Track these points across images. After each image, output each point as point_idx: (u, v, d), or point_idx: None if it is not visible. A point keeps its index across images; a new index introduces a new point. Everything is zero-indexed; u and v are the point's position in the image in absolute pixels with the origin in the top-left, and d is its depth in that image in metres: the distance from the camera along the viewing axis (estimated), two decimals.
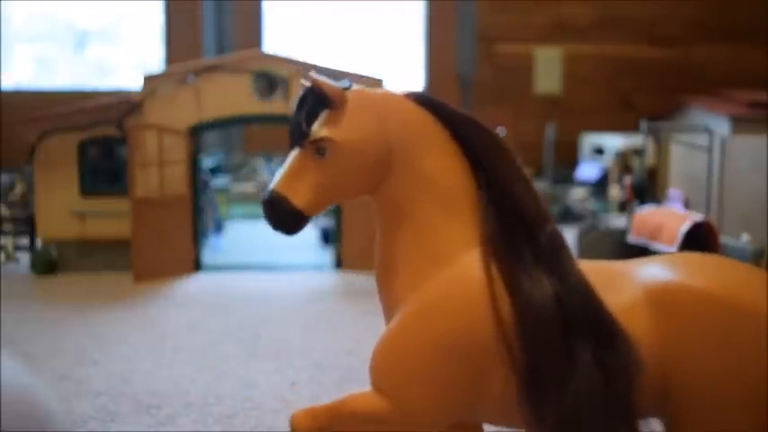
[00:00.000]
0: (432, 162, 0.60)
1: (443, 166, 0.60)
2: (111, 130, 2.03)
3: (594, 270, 0.59)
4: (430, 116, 0.61)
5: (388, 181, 0.61)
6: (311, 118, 0.59)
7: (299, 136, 0.60)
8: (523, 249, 0.57)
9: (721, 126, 2.53)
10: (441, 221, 0.59)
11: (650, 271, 0.59)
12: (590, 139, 3.50)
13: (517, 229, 0.58)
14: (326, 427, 0.60)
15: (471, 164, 0.61)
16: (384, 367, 0.60)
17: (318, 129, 0.59)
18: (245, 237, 2.69)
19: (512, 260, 0.57)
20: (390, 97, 0.60)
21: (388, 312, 0.62)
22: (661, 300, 0.57)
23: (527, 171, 0.67)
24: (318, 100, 0.59)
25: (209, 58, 3.31)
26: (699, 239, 1.69)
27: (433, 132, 0.60)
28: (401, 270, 0.61)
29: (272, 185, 0.61)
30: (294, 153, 0.61)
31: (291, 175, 0.60)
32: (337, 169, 0.60)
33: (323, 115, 0.59)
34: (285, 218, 0.61)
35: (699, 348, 0.55)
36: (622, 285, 0.58)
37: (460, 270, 0.58)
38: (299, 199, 0.60)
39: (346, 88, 0.60)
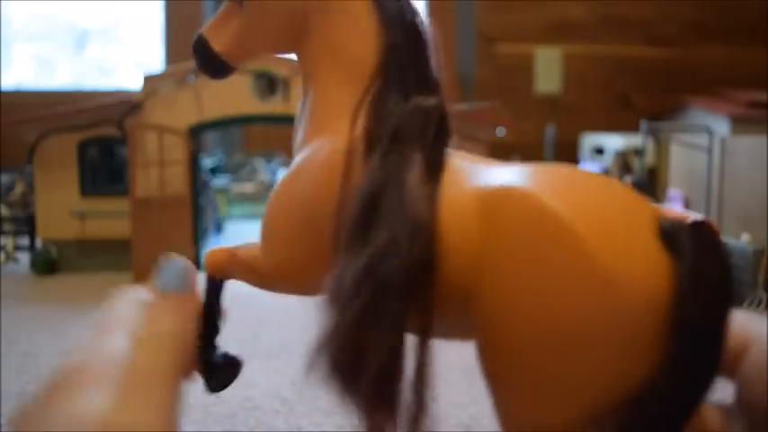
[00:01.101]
0: (343, 30, 0.59)
1: (354, 36, 0.58)
2: (111, 130, 2.03)
3: (462, 165, 0.55)
4: None
5: (303, 44, 0.61)
6: None
7: None
8: (390, 134, 0.54)
9: (721, 126, 2.53)
10: (338, 89, 0.59)
11: (501, 171, 0.53)
12: (590, 139, 3.50)
13: (391, 112, 0.55)
14: (225, 269, 0.63)
15: (383, 38, 0.59)
16: (263, 219, 0.61)
17: None
18: (245, 237, 2.69)
19: (377, 150, 0.54)
20: None
21: None
22: (490, 200, 0.49)
23: None
24: None
25: None
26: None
27: (355, 3, 0.59)
28: (301, 129, 0.62)
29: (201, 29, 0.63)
30: (222, 4, 0.63)
31: (216, 23, 0.63)
32: (254, 17, 0.60)
33: None
34: (207, 61, 0.63)
35: (508, 257, 0.46)
36: (470, 180, 0.53)
37: (333, 138, 0.57)
38: (218, 44, 0.62)
39: None
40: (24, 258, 2.16)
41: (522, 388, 0.46)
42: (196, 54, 0.64)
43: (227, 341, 0.74)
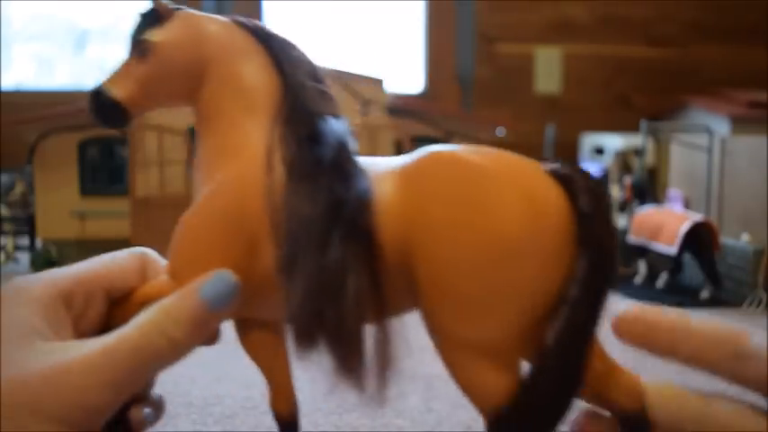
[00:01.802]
0: (241, 69, 0.63)
1: (251, 75, 0.63)
2: (111, 131, 2.03)
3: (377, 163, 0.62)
4: (248, 35, 0.65)
5: (202, 89, 0.64)
6: (142, 30, 0.64)
7: (130, 44, 0.65)
8: (302, 142, 0.60)
9: (721, 126, 2.53)
10: (242, 121, 0.62)
11: (407, 155, 0.61)
12: (590, 139, 3.50)
13: (301, 127, 0.61)
14: (127, 315, 0.59)
15: (278, 77, 0.64)
16: (174, 248, 0.61)
17: (144, 35, 0.63)
18: None
19: (292, 148, 0.60)
20: (212, 17, 0.65)
21: None
22: (410, 168, 0.59)
23: None
24: (151, 16, 0.64)
25: None
26: (699, 239, 1.70)
27: (248, 45, 0.64)
28: (203, 170, 0.64)
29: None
30: (124, 59, 0.65)
31: (117, 75, 0.64)
32: (155, 68, 0.63)
33: (151, 29, 0.64)
34: (105, 108, 0.64)
35: (433, 206, 0.55)
36: (381, 168, 0.61)
37: (246, 157, 0.61)
38: (119, 92, 0.63)
39: (178, 8, 0.64)
40: (24, 258, 2.16)
41: (467, 309, 0.54)
42: (93, 103, 0.65)
43: (227, 341, 0.74)
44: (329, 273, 0.55)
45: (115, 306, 0.62)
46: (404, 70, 4.17)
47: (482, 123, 2.32)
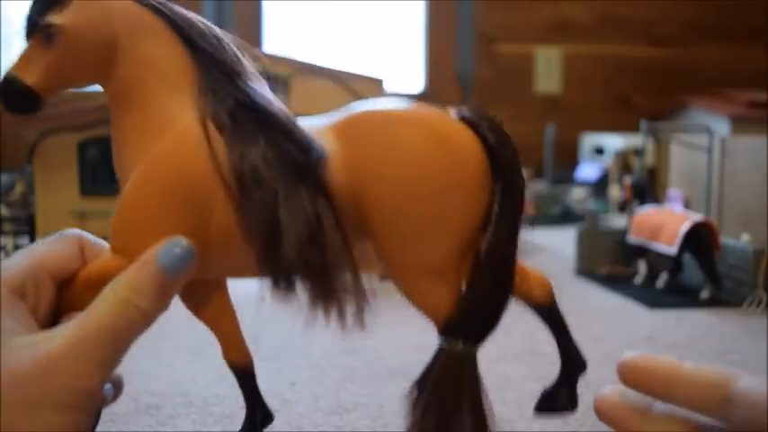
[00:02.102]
0: (153, 48, 0.65)
1: (165, 53, 0.65)
2: (109, 131, 2.02)
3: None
4: (151, 12, 0.66)
5: (115, 71, 0.65)
6: (41, 11, 0.65)
7: (30, 27, 0.65)
8: (233, 108, 0.64)
9: (721, 126, 2.53)
10: (164, 97, 0.64)
11: (335, 114, 0.68)
12: (590, 139, 3.50)
13: (226, 91, 0.65)
14: (79, 297, 0.61)
15: (188, 48, 0.67)
16: (118, 226, 0.63)
17: (46, 18, 0.64)
18: None
19: (225, 115, 0.63)
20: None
21: None
22: (344, 125, 0.66)
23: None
24: None
25: None
26: (699, 239, 1.70)
27: (153, 23, 0.65)
28: (131, 149, 0.65)
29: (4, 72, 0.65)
30: (26, 44, 0.65)
31: (24, 61, 0.64)
32: (65, 51, 0.63)
33: (52, 11, 0.64)
34: (17, 96, 0.64)
35: (374, 158, 0.63)
36: (325, 125, 0.68)
37: (179, 129, 0.63)
38: (31, 78, 0.64)
39: None
40: None
41: (411, 238, 0.63)
42: (5, 92, 0.64)
43: None
44: (301, 222, 0.61)
45: (63, 290, 0.62)
46: (404, 70, 4.18)
47: None
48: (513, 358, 1.23)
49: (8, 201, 2.26)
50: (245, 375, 0.76)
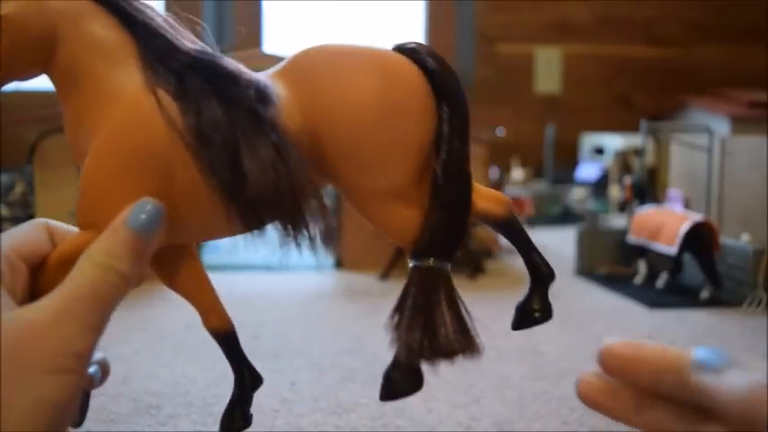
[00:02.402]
0: (92, 28, 0.66)
1: (103, 30, 0.66)
2: None
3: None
4: None
5: (56, 56, 0.66)
6: None
7: None
8: (179, 70, 0.65)
9: (721, 126, 2.53)
10: (109, 72, 0.65)
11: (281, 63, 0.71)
12: (590, 139, 3.50)
13: (169, 56, 0.66)
14: (53, 277, 0.61)
15: (126, 24, 0.68)
16: (85, 203, 0.64)
17: None
18: (244, 236, 2.67)
19: (173, 79, 0.65)
20: None
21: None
22: (289, 67, 0.69)
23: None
24: None
25: None
26: (699, 239, 1.70)
27: (89, 5, 0.67)
28: (84, 127, 0.65)
29: None
30: None
31: None
32: (8, 42, 0.64)
33: None
34: None
35: (323, 94, 0.66)
36: (273, 70, 0.70)
37: (128, 98, 0.64)
38: None
39: None
40: None
41: (368, 164, 0.65)
42: None
43: None
44: (262, 152, 0.63)
45: (37, 274, 0.63)
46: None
47: (482, 123, 2.32)
48: (513, 358, 1.23)
49: (8, 201, 2.26)
50: (227, 340, 0.75)
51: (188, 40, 0.70)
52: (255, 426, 0.99)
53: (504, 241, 2.54)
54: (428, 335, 0.66)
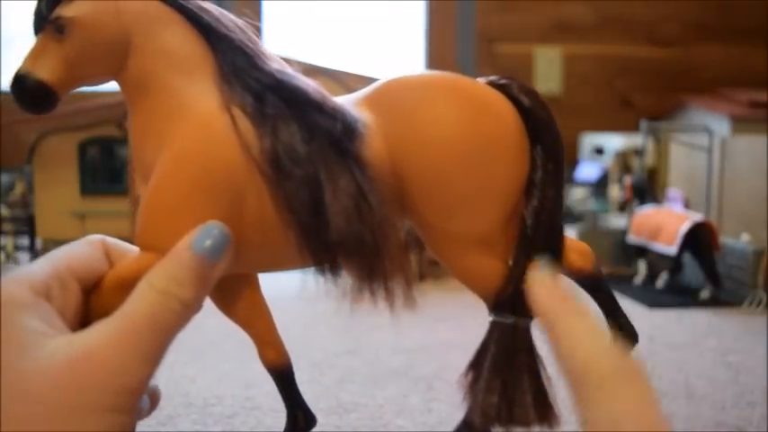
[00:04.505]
0: (168, 38, 0.63)
1: (179, 40, 0.63)
2: (111, 130, 2.03)
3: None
4: (162, 3, 0.64)
5: (129, 63, 0.63)
6: (51, 5, 0.62)
7: (40, 22, 0.62)
8: (258, 91, 0.62)
9: (721, 126, 2.53)
10: (183, 84, 0.62)
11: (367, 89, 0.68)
12: (590, 139, 3.50)
13: (248, 74, 0.63)
14: (109, 299, 0.58)
15: (204, 36, 0.64)
16: (149, 223, 0.61)
17: (56, 11, 0.61)
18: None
19: (250, 99, 0.61)
20: None
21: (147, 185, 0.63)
22: (376, 95, 0.65)
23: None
24: None
25: None
26: (699, 239, 1.70)
27: (166, 13, 0.63)
28: (151, 138, 0.62)
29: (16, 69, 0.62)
30: (36, 39, 0.63)
31: (35, 56, 0.62)
32: (78, 45, 0.61)
33: (61, 4, 0.62)
34: (31, 92, 0.61)
35: (412, 126, 0.62)
36: (357, 97, 0.67)
37: (202, 116, 0.61)
38: (45, 73, 0.61)
39: None
40: (24, 258, 2.16)
41: (456, 207, 0.61)
42: (21, 90, 0.62)
43: (227, 342, 0.74)
44: (346, 198, 0.59)
45: (91, 294, 0.60)
46: (404, 70, 4.16)
47: None
48: None
49: (8, 201, 2.26)
50: (283, 376, 0.72)
51: (267, 55, 0.66)
52: (255, 426, 1.00)
53: None
54: (506, 401, 0.63)
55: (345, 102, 0.65)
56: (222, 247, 0.54)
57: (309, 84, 0.65)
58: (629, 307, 1.69)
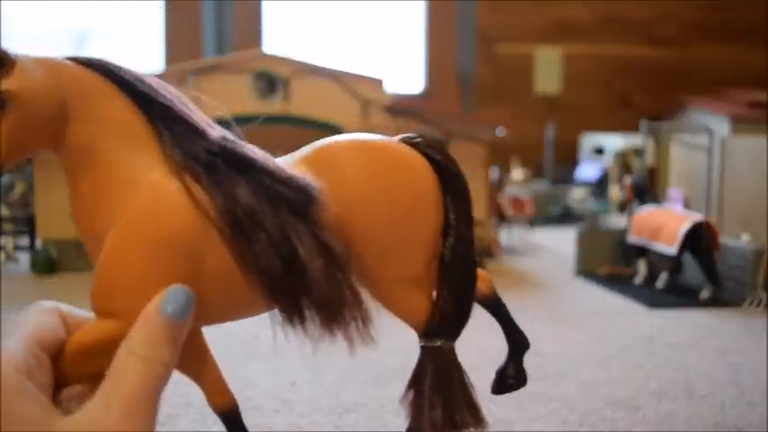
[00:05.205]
0: (107, 108, 0.65)
1: (117, 111, 0.65)
2: None
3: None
4: (96, 73, 0.66)
5: (68, 134, 0.65)
6: None
7: None
8: (206, 159, 0.65)
9: (721, 126, 2.53)
10: (126, 153, 0.65)
11: (300, 152, 0.72)
12: (590, 139, 3.50)
13: (193, 143, 0.65)
14: (70, 373, 0.61)
15: (142, 106, 0.67)
16: (105, 289, 0.63)
17: None
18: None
19: (200, 167, 0.64)
20: (58, 60, 0.66)
21: (98, 254, 0.65)
22: (314, 160, 0.69)
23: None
24: None
25: (209, 58, 3.32)
26: (699, 239, 1.70)
27: (104, 85, 0.66)
28: (102, 210, 0.64)
29: None
30: None
31: None
32: (19, 117, 0.63)
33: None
34: None
35: (354, 188, 0.68)
36: (294, 160, 0.71)
37: (153, 184, 0.63)
38: None
39: (18, 55, 0.64)
40: (24, 258, 2.16)
41: (392, 254, 0.69)
42: None
43: (227, 342, 0.74)
44: (316, 255, 0.64)
45: (58, 362, 0.62)
46: (404, 70, 4.18)
47: (482, 123, 2.32)
48: None
49: (8, 201, 2.26)
50: (231, 418, 0.77)
51: (206, 122, 0.69)
52: (255, 426, 0.99)
53: (504, 241, 2.55)
54: (448, 414, 0.72)
55: (287, 162, 0.70)
56: (188, 307, 0.58)
57: (255, 151, 0.69)
58: (630, 307, 1.69)
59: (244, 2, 3.94)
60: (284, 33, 4.11)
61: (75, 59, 0.66)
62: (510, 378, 0.77)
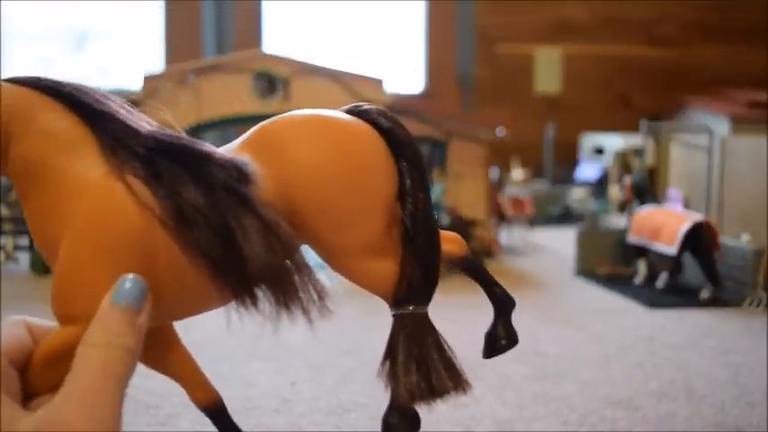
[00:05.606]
0: (46, 121, 0.66)
1: (56, 121, 0.66)
2: None
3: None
4: (33, 90, 0.67)
5: (12, 151, 0.66)
6: None
7: None
8: (145, 155, 0.66)
9: (721, 126, 2.53)
10: (70, 162, 0.65)
11: (245, 135, 0.72)
12: (590, 139, 3.50)
13: (130, 141, 0.66)
14: (38, 384, 0.62)
15: (80, 113, 0.67)
16: (63, 296, 0.63)
17: None
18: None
19: (139, 164, 0.65)
20: None
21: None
22: (255, 140, 0.70)
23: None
24: None
25: (209, 58, 3.31)
26: (699, 239, 1.70)
27: (41, 99, 0.66)
28: (54, 223, 0.65)
29: None
30: None
31: None
32: None
33: None
34: None
35: (293, 164, 0.68)
36: (235, 145, 0.71)
37: (95, 187, 0.64)
38: None
39: None
40: (24, 258, 2.16)
41: (343, 222, 0.69)
42: None
43: (227, 342, 0.74)
44: (257, 234, 0.64)
45: (25, 374, 0.63)
46: (404, 70, 4.18)
47: (482, 123, 2.31)
48: (513, 358, 1.23)
49: (8, 201, 2.26)
50: (216, 413, 0.78)
51: (144, 122, 0.70)
52: (255, 426, 0.99)
53: (504, 241, 2.55)
54: (424, 378, 0.70)
55: (228, 149, 0.71)
56: (140, 293, 0.60)
57: (192, 140, 0.69)
58: (630, 307, 1.69)
59: (244, 2, 3.94)
60: (284, 33, 4.11)
61: (11, 80, 0.67)
62: (501, 339, 0.75)
